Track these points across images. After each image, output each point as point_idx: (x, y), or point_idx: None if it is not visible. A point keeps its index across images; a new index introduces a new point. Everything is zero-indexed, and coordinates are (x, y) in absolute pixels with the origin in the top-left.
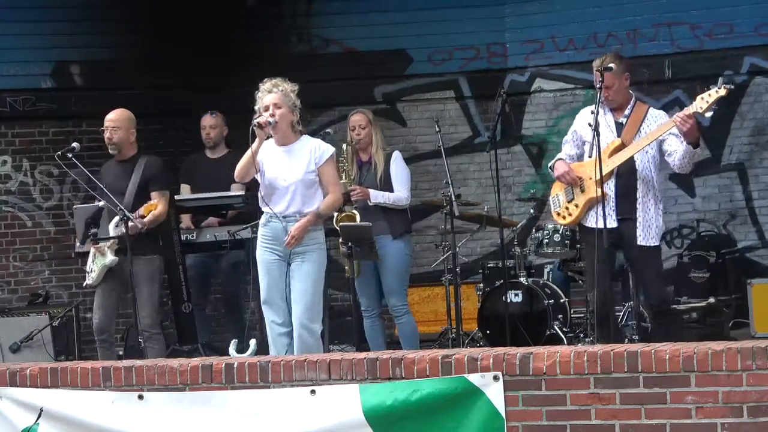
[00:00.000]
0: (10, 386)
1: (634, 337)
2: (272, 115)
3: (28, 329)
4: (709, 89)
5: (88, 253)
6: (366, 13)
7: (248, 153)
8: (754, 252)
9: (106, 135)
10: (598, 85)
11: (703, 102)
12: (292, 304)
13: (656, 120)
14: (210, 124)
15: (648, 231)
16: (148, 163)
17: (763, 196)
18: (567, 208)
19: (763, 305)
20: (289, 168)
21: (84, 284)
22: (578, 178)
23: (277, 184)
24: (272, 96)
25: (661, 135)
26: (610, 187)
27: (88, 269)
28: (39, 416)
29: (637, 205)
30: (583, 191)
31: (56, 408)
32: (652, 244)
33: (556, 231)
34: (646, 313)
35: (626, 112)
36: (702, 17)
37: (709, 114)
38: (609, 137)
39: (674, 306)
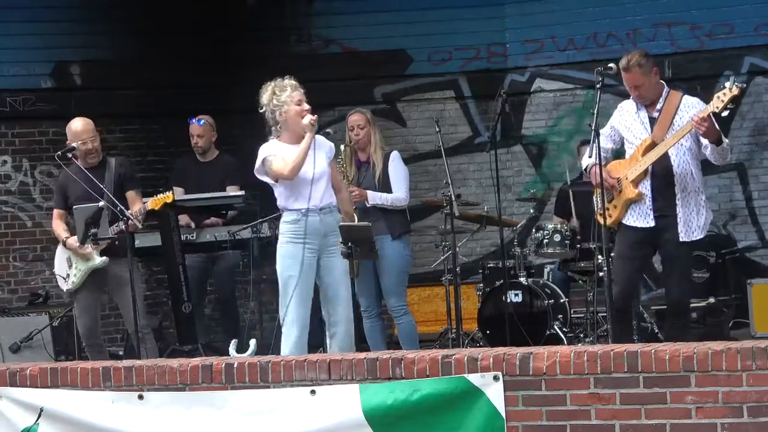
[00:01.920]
0: (10, 386)
1: (634, 337)
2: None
3: (28, 329)
4: (723, 88)
5: None
6: (366, 13)
7: (303, 149)
8: (754, 252)
9: (88, 146)
10: (598, 86)
11: (719, 101)
12: (333, 300)
13: (689, 109)
14: (198, 133)
15: (689, 227)
16: (119, 163)
17: (763, 196)
18: (608, 209)
19: (763, 305)
20: (316, 162)
21: (65, 290)
22: (616, 180)
23: (308, 178)
24: (301, 91)
25: (684, 135)
26: (645, 187)
27: (62, 274)
28: (39, 416)
29: (677, 201)
30: (620, 192)
31: (56, 408)
32: (694, 238)
33: (556, 231)
34: (646, 313)
35: (658, 105)
36: (702, 17)
37: (725, 113)
38: (642, 134)
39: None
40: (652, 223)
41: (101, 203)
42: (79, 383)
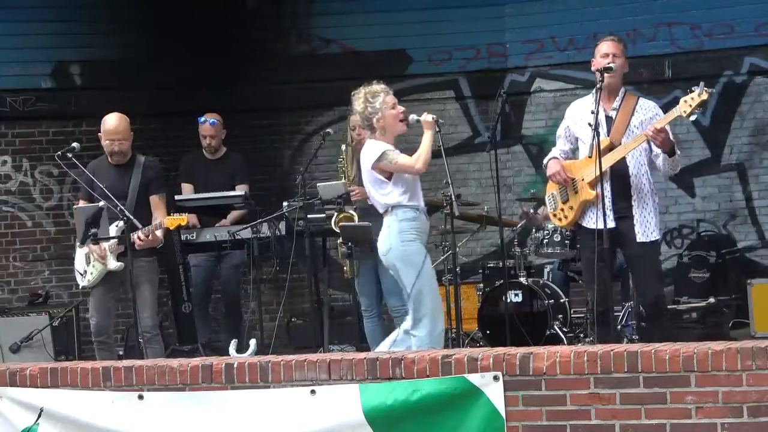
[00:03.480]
0: (10, 386)
1: (634, 337)
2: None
3: (28, 329)
4: (691, 91)
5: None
6: (366, 13)
7: (428, 144)
8: (754, 252)
9: (113, 148)
10: (598, 85)
11: (686, 105)
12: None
13: (646, 112)
14: (210, 133)
15: (646, 227)
16: (147, 165)
17: (763, 196)
18: (562, 210)
19: (763, 305)
20: None
21: (80, 286)
22: (570, 178)
23: (417, 178)
24: (392, 95)
25: (641, 143)
26: (605, 188)
27: (81, 269)
28: (39, 416)
29: (633, 203)
30: (576, 192)
31: (56, 408)
32: (652, 239)
33: (556, 231)
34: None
35: (614, 104)
36: (702, 17)
37: (692, 117)
38: (600, 134)
39: (673, 306)
40: (612, 224)
41: (101, 203)
42: (79, 383)
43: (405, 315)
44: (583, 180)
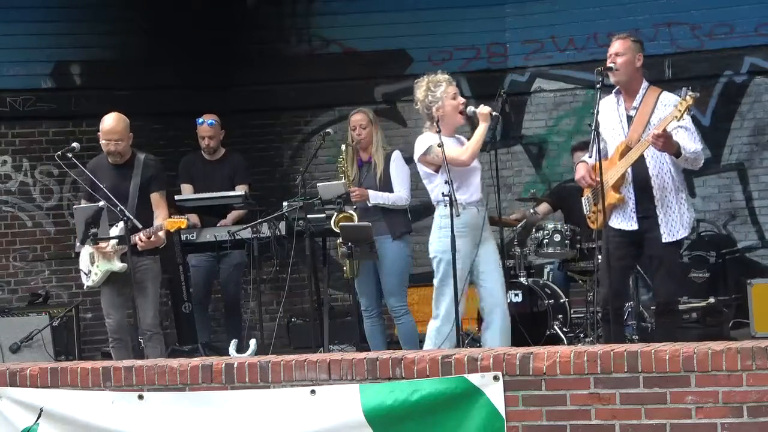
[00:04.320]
0: (10, 386)
1: (634, 337)
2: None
3: (28, 329)
4: (679, 95)
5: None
6: (366, 13)
7: (480, 135)
8: (754, 252)
9: (110, 148)
10: (598, 85)
11: (677, 111)
12: (491, 286)
13: (666, 108)
14: (209, 134)
15: (671, 227)
16: (147, 163)
17: (763, 196)
18: (594, 213)
19: (763, 305)
20: None
21: (85, 286)
22: (597, 181)
23: (474, 170)
24: (455, 85)
25: (646, 148)
26: (628, 190)
27: (85, 269)
28: (39, 416)
29: (656, 203)
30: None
31: (56, 408)
32: (678, 238)
33: (556, 231)
34: (646, 313)
35: (635, 103)
36: (702, 17)
37: (683, 121)
38: (620, 133)
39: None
40: (635, 226)
41: (101, 203)
42: (79, 383)
43: (405, 315)
44: (607, 182)
